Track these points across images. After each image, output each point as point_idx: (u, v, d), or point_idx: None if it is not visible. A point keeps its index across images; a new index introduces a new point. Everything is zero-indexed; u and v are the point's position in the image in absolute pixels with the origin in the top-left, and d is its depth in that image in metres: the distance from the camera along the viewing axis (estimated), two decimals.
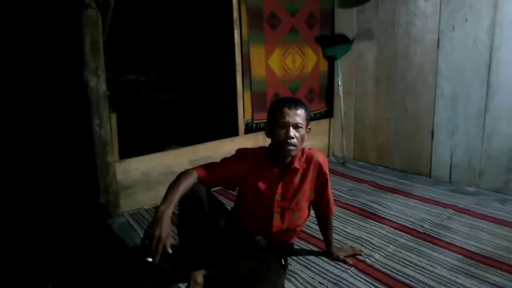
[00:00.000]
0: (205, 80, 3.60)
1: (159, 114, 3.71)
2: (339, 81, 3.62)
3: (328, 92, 3.89)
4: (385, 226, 2.29)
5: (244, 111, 3.28)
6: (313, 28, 3.61)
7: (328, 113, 3.92)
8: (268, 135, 1.69)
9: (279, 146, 1.61)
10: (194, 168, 1.61)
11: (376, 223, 2.33)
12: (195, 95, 3.70)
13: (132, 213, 2.66)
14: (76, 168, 2.60)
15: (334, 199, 1.85)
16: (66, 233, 2.37)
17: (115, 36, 2.81)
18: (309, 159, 1.70)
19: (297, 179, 1.69)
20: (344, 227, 2.29)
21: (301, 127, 1.60)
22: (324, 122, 3.91)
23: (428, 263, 1.86)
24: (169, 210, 1.39)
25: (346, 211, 2.53)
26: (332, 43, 3.63)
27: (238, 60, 3.17)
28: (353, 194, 2.83)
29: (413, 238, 2.13)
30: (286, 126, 1.59)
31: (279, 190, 1.68)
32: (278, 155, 1.66)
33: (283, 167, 1.69)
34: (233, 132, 3.26)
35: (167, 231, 1.35)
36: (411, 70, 3.20)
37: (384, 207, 2.56)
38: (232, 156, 1.73)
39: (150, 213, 2.65)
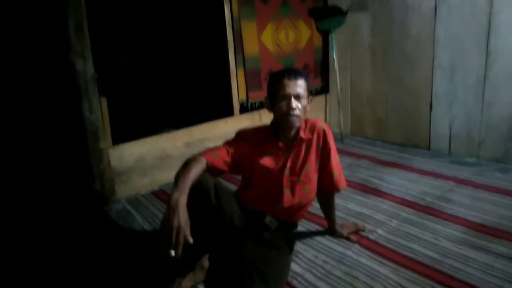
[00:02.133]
0: (197, 60, 3.49)
1: (152, 96, 3.61)
2: (334, 55, 3.53)
3: (323, 67, 3.80)
4: (386, 200, 2.26)
5: (238, 90, 3.20)
6: (305, 1, 3.49)
7: (324, 89, 3.85)
8: (270, 109, 1.64)
9: (282, 119, 1.57)
10: (201, 154, 1.54)
11: (378, 198, 2.31)
12: (187, 75, 3.59)
13: (129, 199, 2.61)
14: (69, 155, 2.52)
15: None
16: (63, 222, 2.32)
17: (103, 16, 2.70)
18: (313, 128, 1.65)
19: (303, 150, 1.65)
20: (345, 203, 2.26)
21: (302, 97, 1.56)
22: (320, 98, 3.84)
23: (432, 236, 1.84)
24: (183, 198, 1.32)
25: (348, 187, 2.49)
26: (326, 16, 3.52)
27: (229, 37, 3.06)
28: (353, 170, 2.80)
29: (415, 211, 2.10)
30: (287, 97, 1.54)
31: (288, 164, 1.63)
32: (281, 128, 1.62)
33: (288, 141, 1.64)
34: (228, 112, 3.19)
35: (185, 218, 1.28)
36: (408, 40, 3.12)
37: (385, 182, 2.53)
38: (235, 138, 1.68)
39: (147, 198, 2.60)
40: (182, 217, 1.28)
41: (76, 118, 2.41)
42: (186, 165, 1.48)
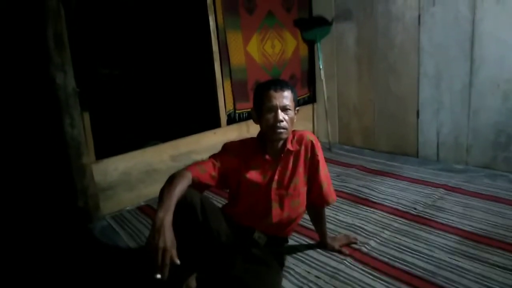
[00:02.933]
0: (183, 71, 3.44)
1: (137, 109, 3.54)
2: (320, 64, 3.52)
3: (310, 77, 3.79)
4: (377, 211, 2.23)
5: (225, 101, 3.15)
6: (290, 11, 3.49)
7: (311, 98, 3.84)
8: (257, 121, 1.60)
9: (269, 131, 1.54)
10: (186, 169, 1.49)
11: (368, 208, 2.27)
12: (172, 86, 3.53)
13: (114, 216, 2.53)
14: (51, 172, 2.43)
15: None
16: (44, 241, 2.21)
17: (84, 28, 2.63)
18: (300, 140, 1.61)
19: (291, 162, 1.60)
20: (336, 214, 2.22)
21: (289, 109, 1.52)
22: (308, 107, 3.82)
23: (425, 247, 1.80)
24: (169, 217, 1.27)
25: (337, 198, 2.46)
26: (311, 26, 3.53)
27: (215, 47, 3.03)
28: (342, 179, 2.77)
29: (407, 221, 2.07)
30: (274, 109, 1.51)
31: (275, 177, 1.58)
32: (268, 140, 1.58)
33: (275, 153, 1.60)
34: (215, 124, 3.14)
35: (171, 239, 1.21)
36: (393, 49, 3.13)
37: (375, 191, 2.50)
38: (221, 151, 1.63)
39: (133, 214, 2.52)
40: (168, 237, 1.22)
41: (57, 133, 2.33)
42: (171, 181, 1.42)
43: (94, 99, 2.57)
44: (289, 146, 1.58)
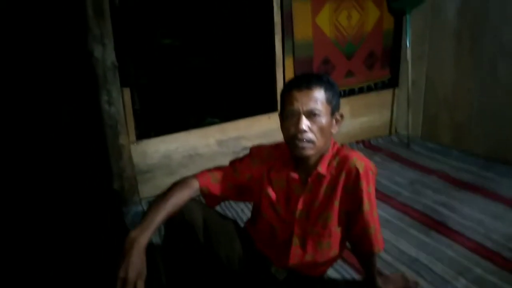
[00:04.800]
0: (238, 45, 3.10)
1: (194, 83, 3.32)
2: (408, 41, 2.89)
3: (393, 56, 3.16)
4: (455, 243, 1.70)
5: (284, 81, 2.75)
6: None
7: (392, 82, 3.22)
8: (281, 128, 1.22)
9: (290, 143, 1.16)
10: (194, 176, 1.22)
11: (443, 237, 1.75)
12: (228, 61, 3.22)
13: (151, 200, 2.36)
14: (87, 151, 2.34)
15: (388, 197, 1.29)
16: (72, 223, 2.16)
17: None
18: (343, 163, 1.17)
19: (322, 190, 1.20)
20: (397, 240, 1.75)
21: (318, 114, 1.11)
22: (387, 92, 3.23)
23: None
24: (143, 238, 1.02)
25: (403, 215, 1.97)
26: None
27: (277, 18, 2.61)
28: (415, 190, 2.22)
29: (497, 268, 1.53)
30: (296, 114, 1.12)
31: (300, 204, 1.21)
32: (292, 155, 1.21)
33: (305, 172, 1.21)
34: (271, 107, 2.77)
35: (137, 268, 0.98)
36: (509, 25, 2.38)
37: (457, 213, 1.94)
38: (246, 156, 1.32)
39: None
40: (134, 265, 0.97)
41: (94, 111, 2.20)
42: (167, 191, 1.16)
43: (136, 75, 2.39)
44: (321, 168, 1.17)
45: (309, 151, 1.13)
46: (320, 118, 1.12)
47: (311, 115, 1.11)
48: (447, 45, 2.79)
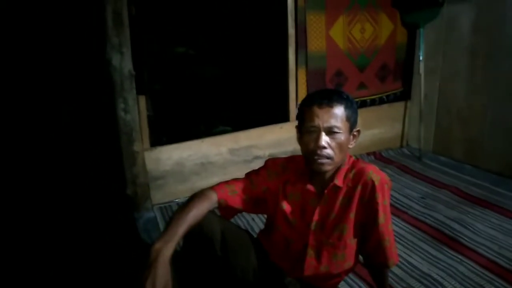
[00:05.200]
0: (252, 55, 3.14)
1: (207, 92, 3.36)
2: (421, 55, 2.90)
3: (405, 69, 3.17)
4: (467, 260, 1.69)
5: (297, 92, 2.77)
6: None
7: (405, 95, 3.23)
8: (299, 141, 1.23)
9: (308, 158, 1.17)
10: (212, 188, 1.23)
11: (455, 254, 1.74)
12: (241, 71, 3.26)
13: (162, 207, 2.40)
14: (103, 157, 2.38)
15: (399, 211, 1.29)
16: (82, 227, 2.18)
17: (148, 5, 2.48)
18: (359, 176, 1.18)
19: (338, 202, 1.20)
20: (408, 255, 1.74)
21: (337, 131, 1.12)
22: (399, 105, 3.23)
23: None
24: (168, 250, 1.02)
25: (415, 229, 1.96)
26: (415, 7, 2.89)
27: (291, 30, 2.64)
28: (427, 204, 2.22)
29: (509, 286, 1.52)
30: (316, 131, 1.13)
31: (316, 215, 1.22)
32: (308, 167, 1.22)
33: (321, 185, 1.22)
34: (283, 117, 2.79)
35: (163, 279, 0.99)
36: None
37: (469, 229, 1.93)
38: (261, 169, 1.33)
39: None
40: (160, 276, 0.98)
41: (110, 118, 2.24)
42: (188, 203, 1.17)
43: (151, 83, 2.43)
44: (337, 180, 1.18)
45: (327, 166, 1.14)
46: (339, 135, 1.13)
47: (331, 132, 1.12)
48: (461, 60, 2.78)
